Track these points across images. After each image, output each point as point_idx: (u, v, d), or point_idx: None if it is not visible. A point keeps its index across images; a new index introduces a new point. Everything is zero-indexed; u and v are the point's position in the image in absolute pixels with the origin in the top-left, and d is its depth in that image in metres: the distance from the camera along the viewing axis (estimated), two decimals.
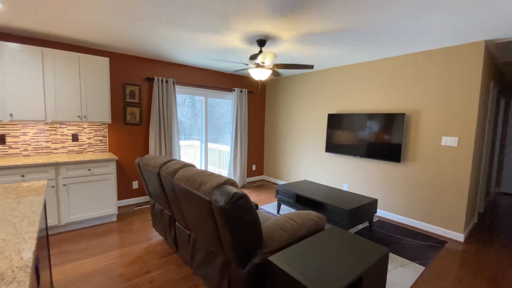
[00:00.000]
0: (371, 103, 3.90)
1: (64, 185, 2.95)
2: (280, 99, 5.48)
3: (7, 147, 3.07)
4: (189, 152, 5.58)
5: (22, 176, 2.71)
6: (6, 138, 3.05)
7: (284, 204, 3.63)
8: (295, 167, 5.21)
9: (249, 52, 3.51)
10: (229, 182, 1.58)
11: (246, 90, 5.27)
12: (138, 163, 2.70)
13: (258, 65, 3.04)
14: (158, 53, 3.77)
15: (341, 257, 1.50)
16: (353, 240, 1.75)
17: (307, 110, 4.90)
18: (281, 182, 5.57)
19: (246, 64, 3.10)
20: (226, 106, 5.59)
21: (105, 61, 3.35)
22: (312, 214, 1.98)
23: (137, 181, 4.13)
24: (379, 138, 3.68)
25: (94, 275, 2.28)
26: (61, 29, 2.84)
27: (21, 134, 3.14)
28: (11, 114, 2.82)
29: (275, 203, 4.35)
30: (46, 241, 2.00)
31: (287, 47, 3.25)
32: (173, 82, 4.22)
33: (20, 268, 0.85)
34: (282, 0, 2.02)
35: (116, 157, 3.28)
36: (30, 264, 0.87)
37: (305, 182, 3.95)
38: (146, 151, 4.18)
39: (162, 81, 4.11)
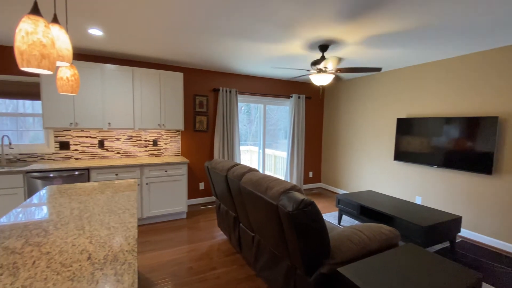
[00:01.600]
0: (449, 105, 3.40)
1: (146, 183, 3.42)
2: (340, 104, 5.26)
3: (105, 150, 3.74)
4: (246, 157, 5.81)
5: (116, 174, 3.25)
6: (104, 143, 3.72)
7: (346, 215, 3.44)
8: (357, 176, 4.88)
9: (309, 57, 3.50)
10: (295, 188, 1.60)
11: (304, 96, 5.23)
12: (207, 166, 2.94)
13: (320, 70, 3.00)
14: (223, 66, 4.08)
15: (420, 279, 1.34)
16: (434, 261, 1.54)
17: (371, 115, 4.57)
18: (340, 191, 5.29)
19: (308, 70, 3.10)
20: (280, 112, 5.65)
21: (179, 76, 3.80)
22: (384, 228, 1.83)
23: (203, 183, 4.50)
24: (462, 145, 3.17)
25: (169, 265, 2.57)
26: (147, 51, 3.34)
27: (115, 139, 3.78)
28: (109, 123, 3.43)
29: (335, 213, 4.15)
30: None
31: (351, 50, 3.12)
32: (236, 91, 4.49)
33: (128, 251, 1.03)
34: (351, 3, 1.97)
35: (187, 160, 3.66)
36: (136, 249, 1.05)
37: (371, 192, 3.67)
38: (211, 155, 4.52)
39: (226, 91, 4.42)
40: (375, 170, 4.51)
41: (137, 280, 0.84)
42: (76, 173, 3.07)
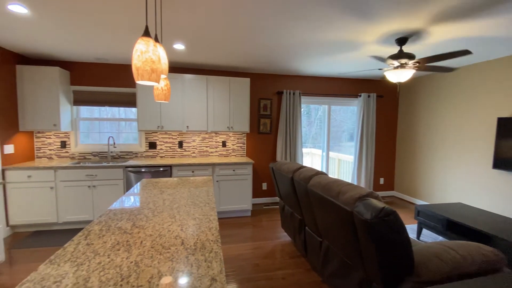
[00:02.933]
0: None
1: (217, 181, 3.72)
2: (418, 102, 4.64)
3: (183, 150, 4.22)
4: (307, 159, 5.68)
5: (192, 171, 3.64)
6: (183, 143, 4.21)
7: (427, 229, 3.01)
8: (441, 186, 4.22)
9: (382, 53, 3.21)
10: (372, 195, 1.49)
11: (375, 94, 4.82)
12: (272, 167, 3.01)
13: (398, 66, 2.72)
14: (288, 68, 4.11)
15: None
16: None
17: (459, 114, 3.89)
18: (418, 202, 4.66)
19: (380, 69, 2.85)
20: (344, 113, 5.33)
21: (246, 81, 4.00)
22: (483, 248, 1.54)
23: (266, 183, 4.61)
24: None
25: (237, 260, 2.72)
26: (219, 60, 3.63)
27: (191, 140, 4.23)
28: (187, 126, 3.86)
29: (413, 225, 3.68)
30: None
31: (433, 41, 2.73)
32: (299, 93, 4.46)
33: (213, 241, 1.14)
34: None
35: (252, 161, 3.82)
36: (219, 240, 1.16)
37: (460, 205, 3.12)
38: (273, 157, 4.61)
39: (289, 93, 4.44)
40: (465, 180, 3.81)
41: (224, 269, 0.93)
42: (161, 169, 3.56)
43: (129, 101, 3.98)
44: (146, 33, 1.09)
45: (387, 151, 5.18)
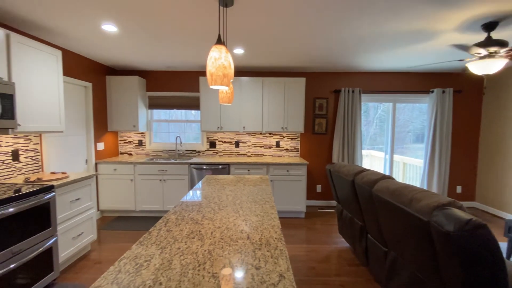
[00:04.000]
0: None
1: (271, 180, 3.77)
2: (510, 99, 3.87)
3: (239, 150, 4.41)
4: (366, 162, 5.27)
5: (248, 170, 3.77)
6: (239, 143, 4.39)
7: None
8: None
9: (462, 42, 2.78)
10: (454, 204, 1.30)
11: (451, 89, 4.20)
12: (329, 169, 2.91)
13: (486, 55, 2.32)
14: (347, 65, 3.91)
15: None
16: None
17: None
18: (508, 216, 3.88)
19: (462, 60, 2.47)
20: (410, 112, 4.77)
21: (302, 81, 3.95)
22: None
23: (320, 185, 4.47)
24: None
25: (292, 260, 2.71)
26: (274, 61, 3.68)
27: (247, 140, 4.39)
28: (244, 127, 4.02)
29: (502, 244, 3.08)
30: None
31: None
32: (359, 91, 4.19)
33: (277, 239, 1.17)
34: None
35: (307, 162, 3.75)
36: (283, 238, 1.17)
37: None
38: (329, 158, 4.43)
39: (348, 91, 4.21)
40: None
41: (290, 267, 0.94)
42: (220, 166, 3.78)
43: (193, 104, 4.35)
44: (219, 41, 1.18)
45: (467, 155, 4.45)
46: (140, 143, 4.40)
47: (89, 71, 3.64)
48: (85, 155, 3.59)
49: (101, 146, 3.90)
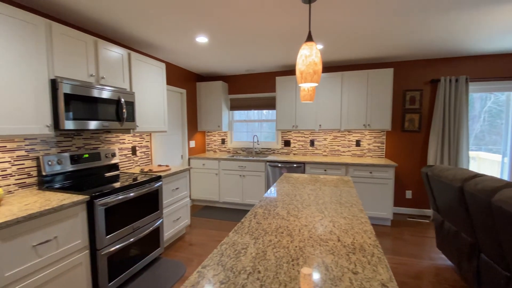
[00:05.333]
0: None
1: None
2: None
3: (314, 148, 4.30)
4: (472, 165, 4.27)
5: (325, 170, 3.63)
6: (314, 142, 4.28)
7: None
8: None
9: None
10: None
11: None
12: (426, 172, 2.51)
13: None
14: (448, 49, 3.28)
15: None
16: None
17: None
18: None
19: None
20: None
21: (389, 72, 3.54)
22: None
23: (411, 191, 3.92)
24: None
25: None
26: (355, 53, 3.41)
27: (322, 139, 4.24)
28: (320, 125, 3.89)
29: None
30: None
31: None
32: (466, 79, 3.46)
33: (372, 245, 1.08)
34: None
35: (395, 164, 3.34)
36: (379, 245, 1.08)
37: None
38: (423, 160, 3.83)
39: (450, 80, 3.54)
40: None
41: (393, 277, 0.86)
42: (295, 165, 3.78)
43: (269, 104, 4.49)
44: (309, 38, 1.17)
45: None
46: (223, 141, 4.83)
47: (184, 79, 4.22)
48: (180, 151, 4.19)
49: (192, 144, 4.47)
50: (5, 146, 1.90)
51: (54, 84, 1.89)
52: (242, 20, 2.35)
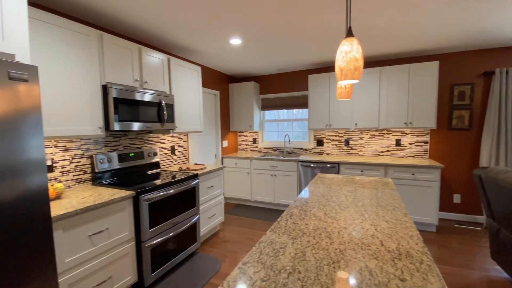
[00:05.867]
0: None
1: None
2: None
3: (349, 148, 4.13)
4: None
5: (361, 171, 3.47)
6: (350, 141, 4.12)
7: None
8: None
9: None
10: None
11: None
12: (479, 175, 2.27)
13: None
14: (500, 38, 2.92)
15: None
16: None
17: None
18: None
19: None
20: None
21: (434, 66, 3.26)
22: None
23: (459, 195, 3.57)
24: None
25: None
26: (395, 47, 3.20)
27: (358, 138, 4.06)
28: (356, 124, 3.73)
29: None
30: None
31: None
32: None
33: (421, 252, 1.01)
34: None
35: (441, 165, 3.07)
36: (428, 253, 1.00)
37: None
38: (475, 161, 3.46)
39: (507, 72, 3.15)
40: None
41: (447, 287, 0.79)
42: (328, 165, 3.67)
43: (301, 103, 4.42)
44: (350, 34, 1.13)
45: None
46: (254, 141, 4.88)
47: (217, 81, 4.35)
48: (214, 150, 4.33)
49: (225, 143, 4.59)
50: (65, 146, 2.14)
51: (105, 89, 2.08)
52: (275, 20, 2.35)
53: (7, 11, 1.32)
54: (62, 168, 2.11)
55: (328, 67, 4.20)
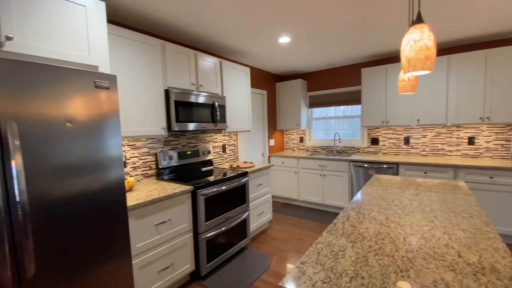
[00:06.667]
0: None
1: None
2: None
3: (410, 147, 3.75)
4: None
5: (425, 173, 3.12)
6: (410, 139, 3.73)
7: None
8: None
9: None
10: None
11: None
12: None
13: None
14: None
15: None
16: None
17: None
18: None
19: None
20: None
21: None
22: None
23: None
24: None
25: None
26: (470, 32, 2.78)
27: (421, 136, 3.65)
28: (418, 120, 3.37)
29: None
30: None
31: None
32: None
33: (510, 268, 0.86)
34: None
35: None
36: None
37: None
38: None
39: None
40: None
41: None
42: (385, 166, 3.39)
43: (353, 99, 4.18)
44: (419, 20, 1.02)
45: None
46: (301, 139, 4.79)
47: (264, 80, 4.40)
48: (261, 149, 4.40)
49: (272, 142, 4.62)
50: (135, 144, 2.42)
51: (167, 93, 2.29)
52: (324, 13, 2.27)
53: (92, 30, 1.55)
54: (132, 164, 2.39)
55: (384, 59, 3.88)
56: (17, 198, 1.13)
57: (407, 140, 3.76)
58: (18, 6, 1.26)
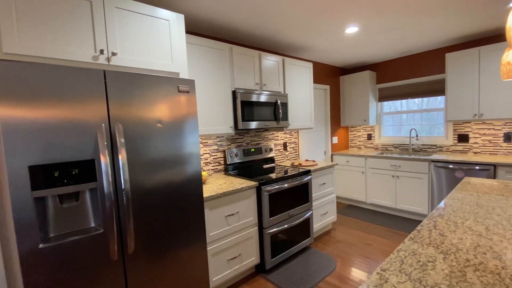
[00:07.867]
0: None
1: None
2: None
3: (511, 146, 3.05)
4: None
5: None
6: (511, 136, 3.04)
7: None
8: None
9: None
10: None
11: None
12: None
13: None
14: None
15: None
16: None
17: None
18: None
19: None
20: None
21: None
22: None
23: None
24: None
25: None
26: None
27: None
28: (481, 114, 2.71)
29: None
30: None
31: None
32: None
33: None
34: None
35: None
36: None
37: None
38: None
39: None
40: None
41: None
42: (477, 167, 2.85)
43: (433, 89, 3.64)
44: None
45: None
46: (369, 137, 4.43)
47: (327, 75, 4.22)
48: (323, 147, 4.25)
49: (335, 140, 4.41)
50: (206, 142, 2.65)
51: (234, 94, 2.43)
52: None
53: (174, 41, 1.75)
54: (205, 160, 2.63)
55: (476, 40, 3.25)
56: (123, 186, 1.38)
57: (508, 137, 3.07)
58: (120, 26, 1.52)
